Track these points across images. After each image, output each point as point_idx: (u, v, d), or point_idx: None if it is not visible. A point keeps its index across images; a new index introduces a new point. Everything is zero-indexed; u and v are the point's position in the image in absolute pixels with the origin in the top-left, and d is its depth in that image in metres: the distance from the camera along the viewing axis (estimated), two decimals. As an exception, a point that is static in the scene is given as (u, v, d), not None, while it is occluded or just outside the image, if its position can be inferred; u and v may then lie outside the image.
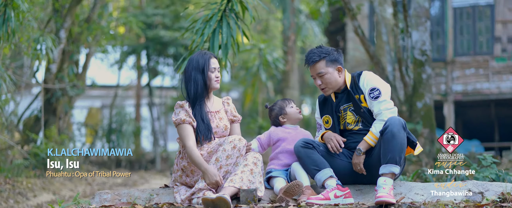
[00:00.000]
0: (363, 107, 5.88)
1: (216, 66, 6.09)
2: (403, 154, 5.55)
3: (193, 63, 6.04)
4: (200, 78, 6.00)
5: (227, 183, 5.63)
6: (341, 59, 5.99)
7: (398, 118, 5.62)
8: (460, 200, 5.50)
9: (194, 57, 6.09)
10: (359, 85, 5.93)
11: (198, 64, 6.01)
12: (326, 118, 6.13)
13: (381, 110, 5.77)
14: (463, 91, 19.97)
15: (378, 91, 5.82)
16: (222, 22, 8.13)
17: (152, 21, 23.53)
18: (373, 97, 5.82)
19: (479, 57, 19.92)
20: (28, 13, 11.31)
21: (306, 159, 5.82)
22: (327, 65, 5.93)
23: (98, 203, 5.76)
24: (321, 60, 5.92)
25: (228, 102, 6.31)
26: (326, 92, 6.03)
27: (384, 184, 5.40)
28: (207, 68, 6.01)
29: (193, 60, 6.07)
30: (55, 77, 16.48)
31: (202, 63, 6.01)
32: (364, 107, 5.89)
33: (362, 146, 5.80)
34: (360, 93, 5.91)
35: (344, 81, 6.01)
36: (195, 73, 6.01)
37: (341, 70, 5.96)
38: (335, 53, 5.97)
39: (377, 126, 5.74)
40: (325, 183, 5.69)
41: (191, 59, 6.10)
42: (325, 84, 5.97)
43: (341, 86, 6.02)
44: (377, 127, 5.73)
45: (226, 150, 5.78)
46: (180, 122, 5.93)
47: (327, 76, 5.93)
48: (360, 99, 5.91)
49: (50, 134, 15.19)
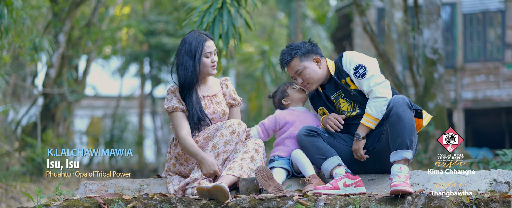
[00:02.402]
0: (352, 90, 5.40)
1: (212, 49, 5.46)
2: (413, 135, 5.01)
3: (185, 46, 5.41)
4: (191, 64, 5.38)
5: (225, 171, 5.09)
6: (316, 49, 5.56)
7: (402, 96, 5.11)
8: (485, 190, 4.94)
9: (187, 38, 5.45)
10: (342, 68, 5.46)
11: (191, 48, 5.39)
12: (322, 110, 5.65)
13: (371, 87, 5.26)
14: (473, 98, 19.66)
15: (363, 67, 5.32)
16: (222, 9, 7.61)
17: (155, 28, 23.16)
18: (359, 75, 5.32)
19: (490, 63, 19.60)
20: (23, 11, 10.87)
21: (311, 148, 5.29)
22: (301, 60, 5.48)
23: (83, 194, 5.23)
24: (294, 58, 5.50)
25: (227, 84, 5.70)
26: (310, 88, 5.57)
27: (399, 171, 4.84)
28: (200, 53, 5.38)
29: (185, 42, 5.43)
30: (54, 82, 16.08)
31: (195, 47, 5.39)
32: (354, 89, 5.41)
33: (361, 130, 5.29)
34: (345, 76, 5.44)
35: (327, 70, 5.54)
36: (187, 58, 5.38)
37: (319, 60, 5.50)
38: (307, 45, 5.55)
39: (371, 105, 5.24)
40: (333, 172, 5.15)
41: (183, 40, 5.46)
42: (307, 80, 5.51)
43: (326, 76, 5.56)
44: (372, 106, 5.24)
45: (224, 135, 5.23)
46: (172, 110, 5.39)
47: (305, 72, 5.48)
48: (347, 83, 5.43)
49: (47, 138, 14.75)
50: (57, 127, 16.45)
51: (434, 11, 11.56)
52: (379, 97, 5.20)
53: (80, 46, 17.43)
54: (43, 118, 16.03)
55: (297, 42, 5.59)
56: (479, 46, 19.92)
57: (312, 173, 5.23)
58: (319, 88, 5.60)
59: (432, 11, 11.57)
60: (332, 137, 5.42)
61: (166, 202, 4.74)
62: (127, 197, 4.82)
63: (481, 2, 19.87)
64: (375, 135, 5.33)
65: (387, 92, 5.23)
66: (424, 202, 4.61)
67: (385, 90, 5.22)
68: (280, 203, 4.69)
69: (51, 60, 15.47)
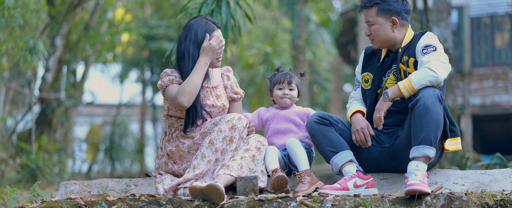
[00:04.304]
0: (407, 72, 4.75)
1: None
2: (439, 132, 4.43)
3: (191, 33, 4.88)
4: (197, 54, 4.87)
5: (223, 170, 4.56)
6: (400, 10, 4.87)
7: (433, 88, 4.48)
8: (510, 190, 4.42)
9: (194, 25, 4.92)
10: (415, 45, 4.79)
11: (197, 37, 4.87)
12: (367, 76, 5.02)
13: (431, 59, 4.58)
14: (481, 104, 19.23)
15: (433, 47, 4.66)
16: (220, 1, 7.10)
17: (156, 33, 22.74)
18: (425, 52, 4.65)
19: (498, 68, 19.18)
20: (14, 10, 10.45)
21: (321, 138, 4.72)
22: (378, 14, 4.86)
23: (63, 195, 4.71)
24: (372, 6, 4.87)
25: (228, 76, 5.17)
26: (374, 44, 4.95)
27: (416, 169, 4.30)
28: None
29: (191, 29, 4.90)
30: (51, 87, 15.63)
31: (202, 37, 4.87)
32: (409, 73, 4.74)
33: (392, 91, 4.60)
34: (410, 55, 4.79)
35: (401, 38, 4.90)
36: (193, 48, 4.87)
37: (396, 23, 4.85)
38: (393, 1, 4.87)
39: (417, 73, 4.55)
40: (343, 169, 4.61)
41: (189, 26, 4.93)
42: (373, 35, 4.89)
43: (396, 43, 4.91)
44: (418, 73, 4.54)
45: (223, 130, 4.67)
46: (168, 83, 4.84)
47: (375, 27, 4.86)
48: (407, 62, 4.79)
49: (41, 143, 14.32)
50: (54, 133, 16.01)
51: (444, 9, 11.05)
52: (431, 69, 4.51)
53: (78, 50, 17.01)
54: (39, 124, 15.58)
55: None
56: (487, 51, 19.50)
57: (306, 168, 4.71)
58: (383, 52, 4.99)
59: (441, 9, 11.07)
60: (347, 128, 4.89)
61: (155, 203, 4.22)
62: (111, 198, 4.31)
63: (489, 6, 19.45)
64: (394, 132, 4.78)
65: (442, 72, 4.54)
66: (444, 204, 4.09)
67: (441, 69, 4.54)
68: (282, 204, 4.18)
69: (48, 64, 15.08)
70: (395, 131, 4.79)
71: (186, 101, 4.71)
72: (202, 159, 4.64)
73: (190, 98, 4.72)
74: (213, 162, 4.64)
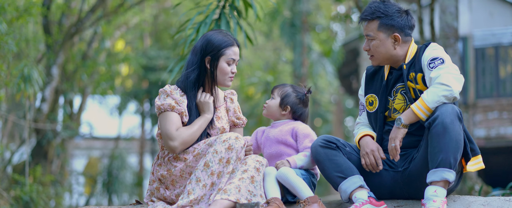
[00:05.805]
0: (417, 90, 4.35)
1: (236, 57, 4.60)
2: (459, 154, 4.06)
3: (208, 45, 4.55)
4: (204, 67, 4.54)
5: (219, 195, 4.15)
6: (404, 25, 4.46)
7: (451, 105, 4.10)
8: (539, 219, 4.03)
9: (211, 36, 4.59)
10: (421, 59, 4.38)
11: (213, 48, 4.53)
12: (371, 98, 4.60)
13: (441, 74, 4.17)
14: (486, 136, 19.09)
15: (441, 59, 4.25)
16: (220, 21, 6.76)
17: (155, 64, 22.56)
18: (433, 66, 4.24)
19: (503, 99, 19.04)
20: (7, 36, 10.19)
21: (327, 163, 4.32)
22: (379, 29, 4.43)
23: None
24: (374, 20, 4.44)
25: (232, 99, 4.82)
26: (373, 61, 4.54)
27: (435, 195, 3.92)
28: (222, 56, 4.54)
29: (208, 40, 4.57)
30: (47, 117, 15.33)
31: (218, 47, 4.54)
32: (419, 90, 4.35)
33: (405, 116, 4.21)
34: (417, 70, 4.37)
35: (405, 53, 4.48)
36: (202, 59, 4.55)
37: (398, 39, 4.44)
38: (396, 16, 4.44)
39: (429, 91, 4.15)
40: (353, 195, 4.21)
41: (207, 38, 4.58)
42: (373, 51, 4.48)
43: (398, 60, 4.50)
44: (430, 91, 4.15)
45: (218, 151, 4.26)
46: (167, 109, 4.47)
47: (375, 43, 4.45)
48: (415, 79, 4.37)
49: (35, 175, 14.01)
50: (49, 164, 15.73)
51: (451, 35, 10.69)
52: (443, 83, 4.12)
53: (75, 80, 16.76)
54: (35, 155, 15.34)
55: (393, 3, 4.49)
56: (492, 82, 19.33)
57: (311, 195, 4.30)
58: (386, 70, 4.58)
59: (449, 35, 10.70)
60: (355, 152, 4.49)
61: (145, 232, 3.84)
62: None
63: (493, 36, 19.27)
64: (408, 154, 4.38)
65: (456, 84, 4.14)
66: (466, 233, 3.70)
67: (454, 81, 4.13)
68: (287, 233, 3.78)
69: (44, 94, 14.82)
70: (409, 153, 4.39)
71: (180, 150, 4.42)
72: (196, 183, 4.23)
73: (184, 148, 4.42)
74: (209, 186, 4.23)
